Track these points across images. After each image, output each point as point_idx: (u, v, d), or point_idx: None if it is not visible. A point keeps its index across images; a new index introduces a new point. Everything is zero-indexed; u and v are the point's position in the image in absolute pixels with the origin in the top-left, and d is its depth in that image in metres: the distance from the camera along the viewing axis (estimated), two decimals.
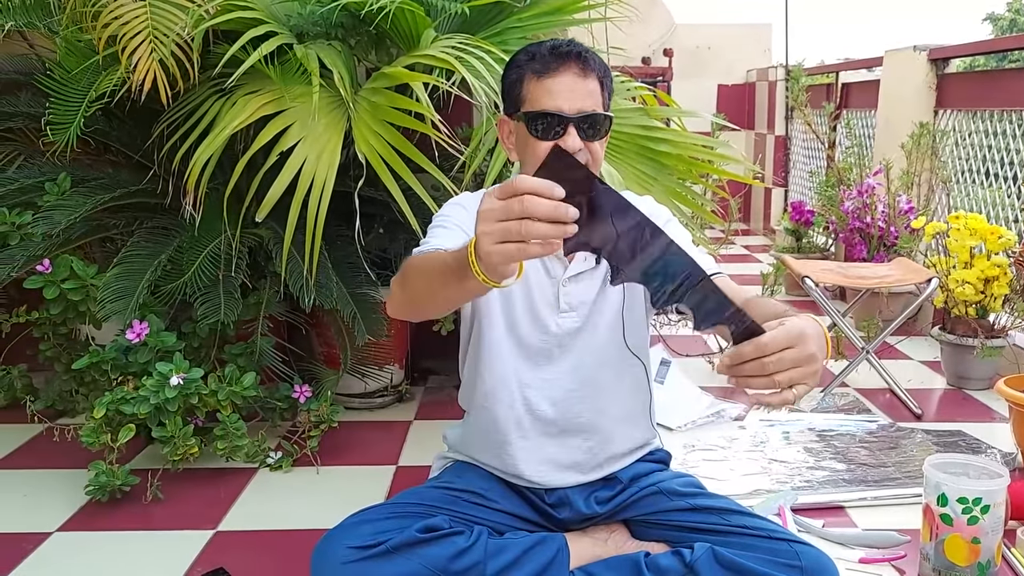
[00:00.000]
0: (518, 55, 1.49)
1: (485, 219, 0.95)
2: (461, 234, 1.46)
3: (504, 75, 1.51)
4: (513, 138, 1.51)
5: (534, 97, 1.43)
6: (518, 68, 1.47)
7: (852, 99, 5.21)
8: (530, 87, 1.44)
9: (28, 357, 2.73)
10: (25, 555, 1.93)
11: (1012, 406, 2.37)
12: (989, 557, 1.75)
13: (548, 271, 1.55)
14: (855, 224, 4.03)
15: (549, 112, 1.41)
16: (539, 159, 1.38)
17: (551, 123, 1.41)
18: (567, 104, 1.41)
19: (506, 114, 1.52)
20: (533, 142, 1.43)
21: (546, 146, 1.41)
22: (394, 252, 2.88)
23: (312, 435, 2.43)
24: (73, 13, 2.35)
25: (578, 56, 1.43)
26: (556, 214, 0.91)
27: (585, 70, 1.43)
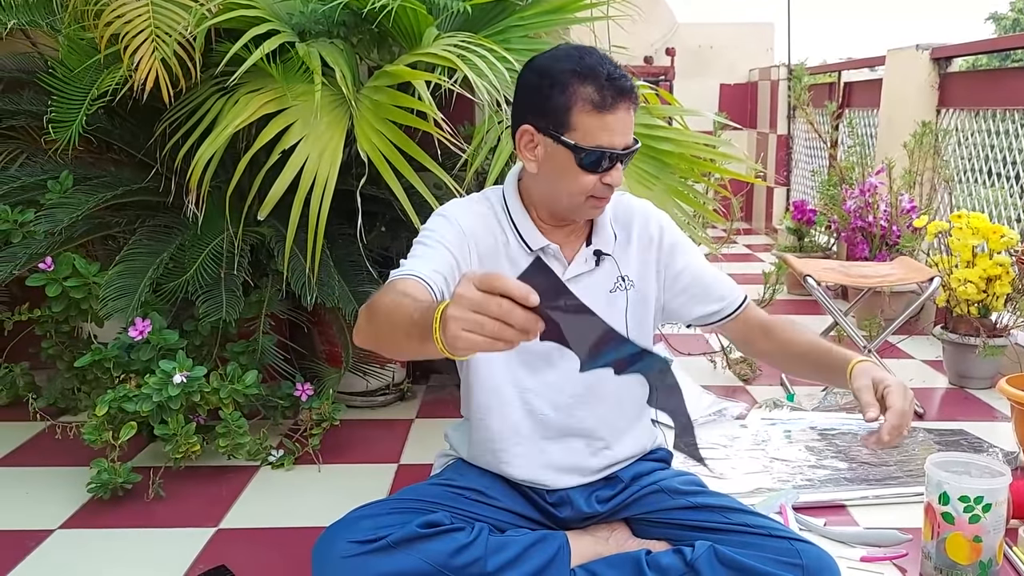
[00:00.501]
0: (562, 68, 1.39)
1: (459, 304, 0.94)
2: (444, 252, 1.43)
3: (537, 83, 1.41)
4: (538, 151, 1.44)
5: (588, 130, 1.38)
6: (569, 91, 1.38)
7: (854, 98, 5.20)
8: (583, 118, 1.37)
9: (30, 355, 2.73)
10: (27, 552, 1.94)
11: (1014, 405, 2.36)
12: (991, 556, 1.75)
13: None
14: (857, 223, 4.02)
15: (604, 149, 1.38)
16: (581, 189, 1.41)
17: (602, 160, 1.39)
18: (619, 140, 1.39)
19: (539, 129, 1.42)
20: (577, 173, 1.40)
21: (591, 179, 1.39)
22: (396, 250, 2.88)
23: (314, 433, 2.44)
24: (75, 11, 2.35)
25: (631, 90, 1.40)
26: (528, 326, 0.92)
27: (633, 104, 1.41)
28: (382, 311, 1.22)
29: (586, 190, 1.41)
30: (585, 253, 1.54)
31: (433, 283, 1.35)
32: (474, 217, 1.52)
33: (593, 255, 1.54)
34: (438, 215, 1.53)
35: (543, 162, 1.44)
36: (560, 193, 1.45)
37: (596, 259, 1.54)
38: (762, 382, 3.15)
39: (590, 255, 1.54)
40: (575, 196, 1.43)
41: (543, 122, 1.41)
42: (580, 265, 1.54)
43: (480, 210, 1.54)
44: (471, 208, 1.54)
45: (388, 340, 1.21)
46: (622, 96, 1.38)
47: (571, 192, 1.42)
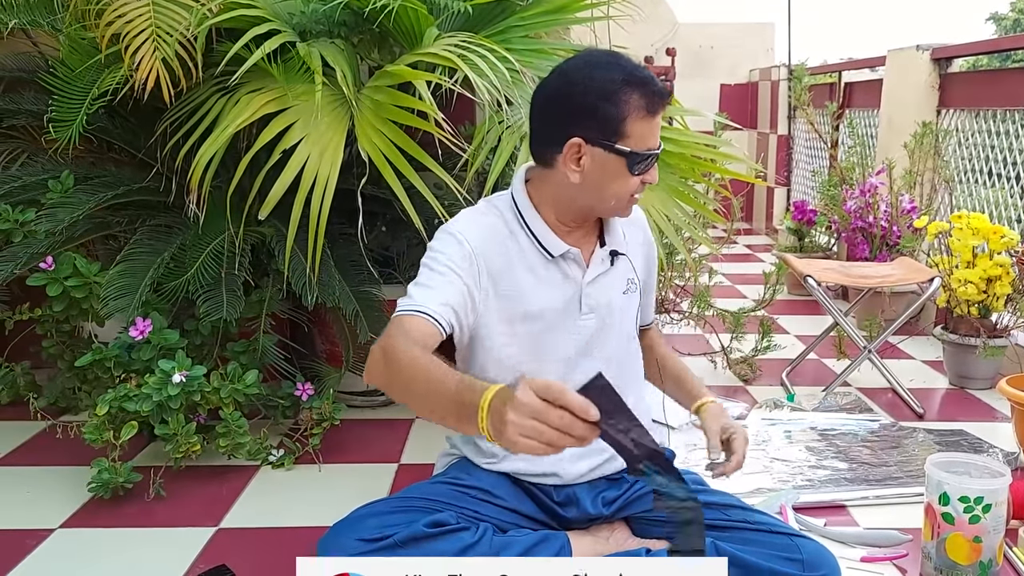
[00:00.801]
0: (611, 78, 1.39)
1: (519, 410, 0.97)
2: (453, 279, 1.43)
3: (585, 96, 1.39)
4: (585, 161, 1.42)
5: (641, 135, 1.41)
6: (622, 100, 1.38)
7: (855, 98, 5.20)
8: (636, 125, 1.40)
9: (31, 354, 2.73)
10: (28, 552, 1.94)
11: (1014, 405, 2.36)
12: (991, 556, 1.75)
13: (568, 276, 1.53)
14: (857, 223, 4.03)
15: (653, 152, 1.43)
16: (629, 191, 1.45)
17: (650, 161, 1.44)
18: (656, 140, 1.45)
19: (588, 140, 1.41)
20: (627, 177, 1.43)
21: (637, 181, 1.44)
22: (397, 250, 2.88)
23: (314, 433, 2.44)
24: (76, 11, 2.35)
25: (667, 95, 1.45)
26: (587, 435, 0.97)
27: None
28: (403, 368, 1.23)
29: (633, 191, 1.46)
30: (601, 254, 1.56)
31: (442, 319, 1.38)
32: (483, 231, 1.50)
33: (608, 255, 1.56)
34: (446, 233, 1.49)
35: (589, 171, 1.43)
36: (607, 198, 1.46)
37: (611, 259, 1.56)
38: (762, 382, 3.15)
39: (605, 255, 1.56)
40: (622, 199, 1.46)
41: (594, 133, 1.40)
42: (598, 266, 1.56)
43: (489, 222, 1.52)
44: (479, 221, 1.51)
45: (410, 400, 1.23)
46: (662, 100, 1.42)
47: (619, 196, 1.45)
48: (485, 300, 1.48)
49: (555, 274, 1.53)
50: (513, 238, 1.51)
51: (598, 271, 1.55)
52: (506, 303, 1.49)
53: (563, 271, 1.53)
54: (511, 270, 1.49)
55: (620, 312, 1.59)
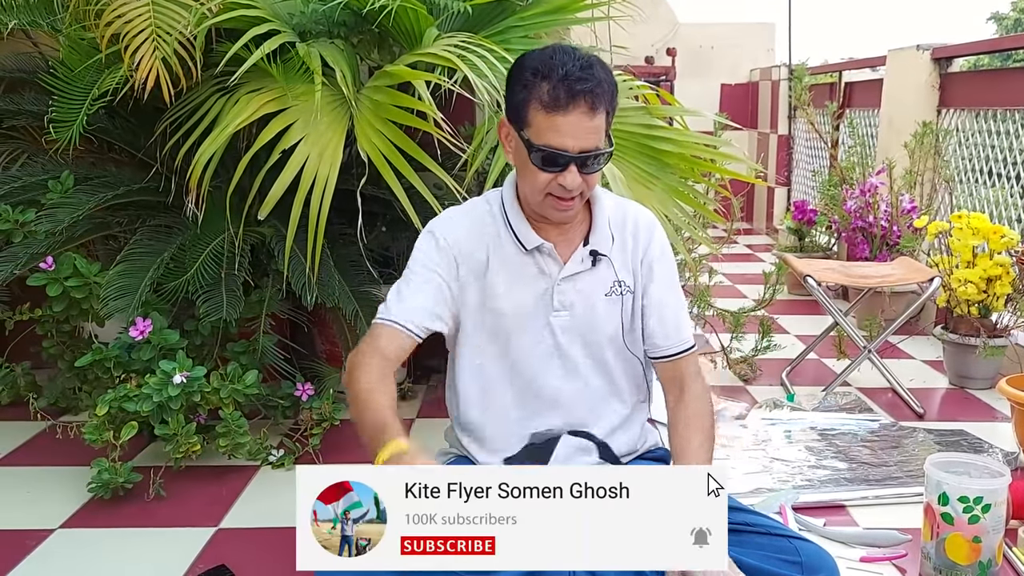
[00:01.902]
0: (526, 68, 1.40)
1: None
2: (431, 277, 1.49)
3: (510, 79, 1.45)
4: (512, 144, 1.47)
5: (539, 129, 1.38)
6: (526, 87, 1.38)
7: (855, 98, 5.20)
8: (536, 116, 1.37)
9: (31, 355, 2.74)
10: (28, 552, 1.94)
11: (1014, 405, 2.36)
12: (990, 556, 1.75)
13: (543, 270, 1.53)
14: (858, 223, 4.02)
15: (553, 149, 1.38)
16: (537, 186, 1.42)
17: (552, 159, 1.39)
18: (572, 143, 1.37)
19: (508, 119, 1.46)
20: (532, 168, 1.41)
21: (545, 178, 1.40)
22: (396, 250, 2.88)
23: (314, 433, 2.44)
24: (76, 11, 2.35)
25: (590, 93, 1.36)
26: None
27: (595, 108, 1.37)
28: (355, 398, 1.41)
29: (542, 188, 1.42)
30: (582, 253, 1.53)
31: (415, 327, 1.46)
32: (463, 226, 1.53)
33: (589, 255, 1.54)
34: (426, 233, 1.54)
35: (515, 154, 1.46)
36: (526, 189, 1.47)
37: (592, 259, 1.54)
38: (762, 382, 3.15)
39: (586, 255, 1.53)
40: (535, 193, 1.44)
41: (511, 114, 1.44)
42: (576, 264, 1.53)
43: (472, 215, 1.55)
44: (460, 217, 1.56)
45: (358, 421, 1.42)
46: (574, 98, 1.35)
47: (531, 188, 1.44)
48: (463, 292, 1.51)
49: (530, 268, 1.52)
50: (495, 229, 1.53)
51: (576, 269, 1.53)
52: (480, 294, 1.51)
53: (539, 265, 1.52)
54: (488, 261, 1.51)
55: (602, 315, 1.55)
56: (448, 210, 1.60)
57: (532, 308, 1.53)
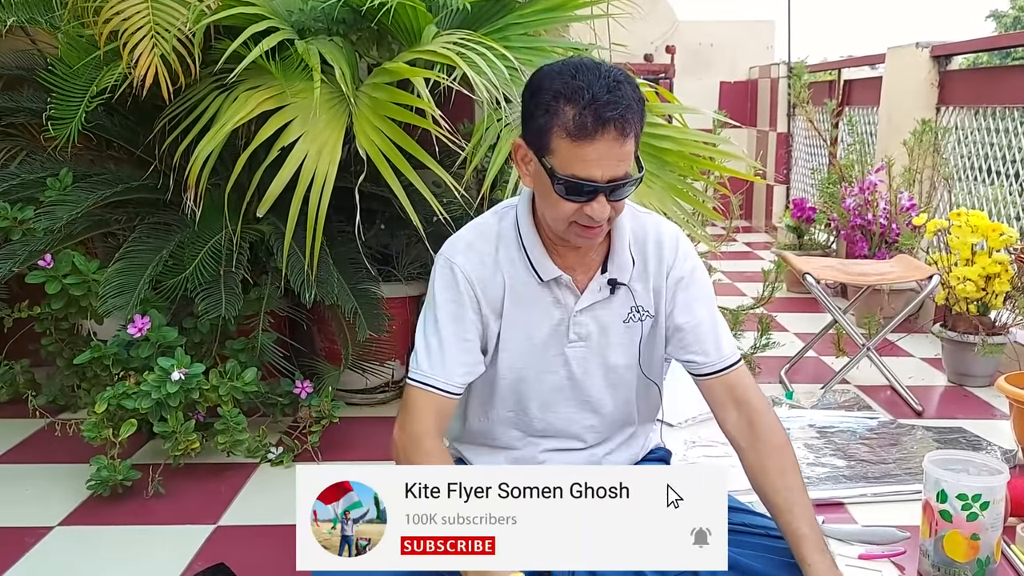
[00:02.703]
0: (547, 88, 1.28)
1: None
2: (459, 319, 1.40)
3: (528, 98, 1.33)
4: (531, 167, 1.35)
5: (564, 159, 1.27)
6: (548, 111, 1.27)
7: (854, 96, 5.20)
8: (560, 144, 1.26)
9: (30, 352, 2.73)
10: (27, 549, 1.94)
11: (1013, 403, 2.36)
12: (988, 553, 1.75)
13: (559, 301, 1.45)
14: (857, 221, 4.02)
15: (580, 180, 1.27)
16: (561, 215, 1.31)
17: (580, 190, 1.28)
18: (600, 172, 1.26)
19: (526, 142, 1.33)
20: (556, 199, 1.31)
21: (570, 207, 1.29)
22: (395, 248, 2.88)
23: (313, 430, 2.44)
24: (75, 8, 2.35)
25: (620, 119, 1.24)
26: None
27: (625, 134, 1.25)
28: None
29: (566, 217, 1.32)
30: (600, 281, 1.44)
31: (453, 385, 1.38)
32: (478, 260, 1.44)
33: (608, 284, 1.45)
34: (444, 267, 1.44)
35: (534, 179, 1.36)
36: (546, 215, 1.37)
37: (611, 288, 1.45)
38: (761, 380, 3.15)
39: (604, 283, 1.45)
40: (558, 222, 1.34)
41: (530, 138, 1.32)
42: (594, 294, 1.45)
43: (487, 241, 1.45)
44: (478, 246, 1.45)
45: None
46: (603, 125, 1.24)
47: (554, 217, 1.34)
48: (488, 322, 1.43)
49: (546, 298, 1.45)
50: (508, 254, 1.44)
51: (594, 299, 1.45)
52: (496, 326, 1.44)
53: (554, 295, 1.45)
54: (504, 293, 1.43)
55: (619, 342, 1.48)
56: (462, 235, 1.47)
57: (547, 339, 1.46)
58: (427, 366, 1.38)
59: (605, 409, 1.52)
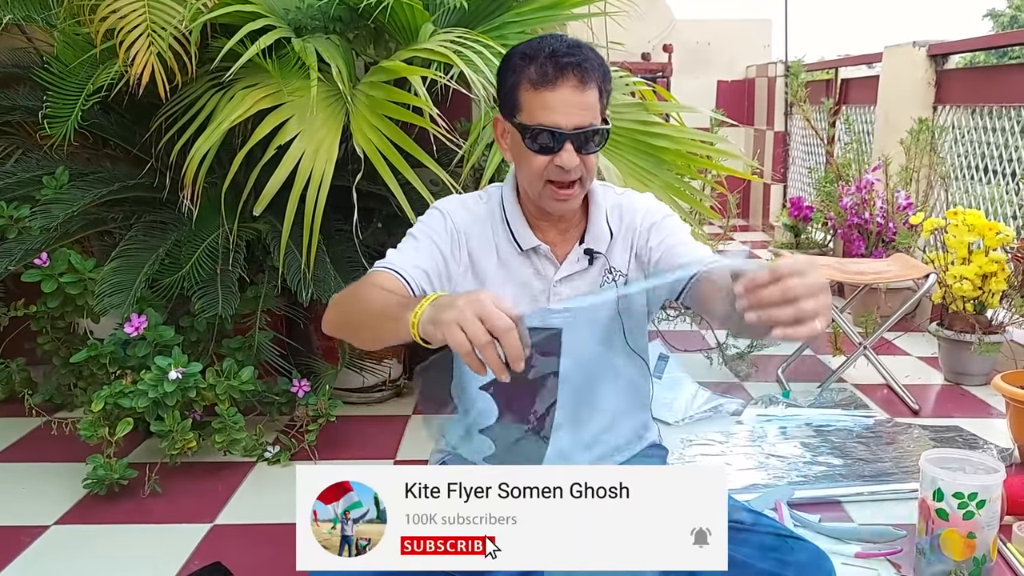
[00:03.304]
0: (514, 55, 1.41)
1: (471, 305, 1.01)
2: (431, 248, 1.44)
3: (499, 74, 1.44)
4: (508, 139, 1.45)
5: (530, 109, 1.37)
6: (514, 72, 1.39)
7: (851, 95, 5.20)
8: (526, 97, 1.36)
9: (26, 351, 2.73)
10: (23, 548, 1.94)
11: (1009, 402, 2.37)
12: (985, 552, 1.75)
13: (539, 272, 1.51)
14: (853, 220, 4.03)
15: (546, 128, 1.36)
16: (535, 172, 1.38)
17: (547, 139, 1.36)
18: (564, 119, 1.35)
19: (502, 115, 1.45)
20: (529, 155, 1.39)
21: (541, 161, 1.37)
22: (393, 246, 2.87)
23: (310, 429, 2.44)
24: (71, 7, 2.34)
25: (578, 66, 1.35)
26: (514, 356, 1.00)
27: (585, 81, 1.35)
28: (357, 296, 1.27)
29: (539, 173, 1.39)
30: (578, 252, 1.51)
31: (412, 279, 1.38)
32: (469, 214, 1.51)
33: (585, 254, 1.52)
34: (434, 208, 1.52)
35: (511, 147, 1.44)
36: (524, 181, 1.45)
37: (589, 258, 1.52)
38: (758, 379, 3.15)
39: (582, 254, 1.51)
40: (533, 181, 1.41)
41: (503, 108, 1.42)
42: (572, 265, 1.51)
43: (476, 208, 1.53)
44: (467, 205, 1.53)
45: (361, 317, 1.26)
46: (562, 72, 1.34)
47: (529, 177, 1.41)
48: (463, 277, 1.48)
49: (526, 269, 1.51)
50: (492, 227, 1.51)
51: (572, 270, 1.51)
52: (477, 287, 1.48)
53: (535, 267, 1.51)
54: (487, 256, 1.49)
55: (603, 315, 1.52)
56: (453, 196, 1.58)
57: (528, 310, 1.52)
58: (392, 260, 1.42)
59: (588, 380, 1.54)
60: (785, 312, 0.96)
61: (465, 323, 1.00)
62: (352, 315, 1.31)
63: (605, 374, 1.57)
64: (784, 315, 0.96)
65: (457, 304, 1.01)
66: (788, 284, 0.96)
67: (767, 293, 0.97)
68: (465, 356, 1.01)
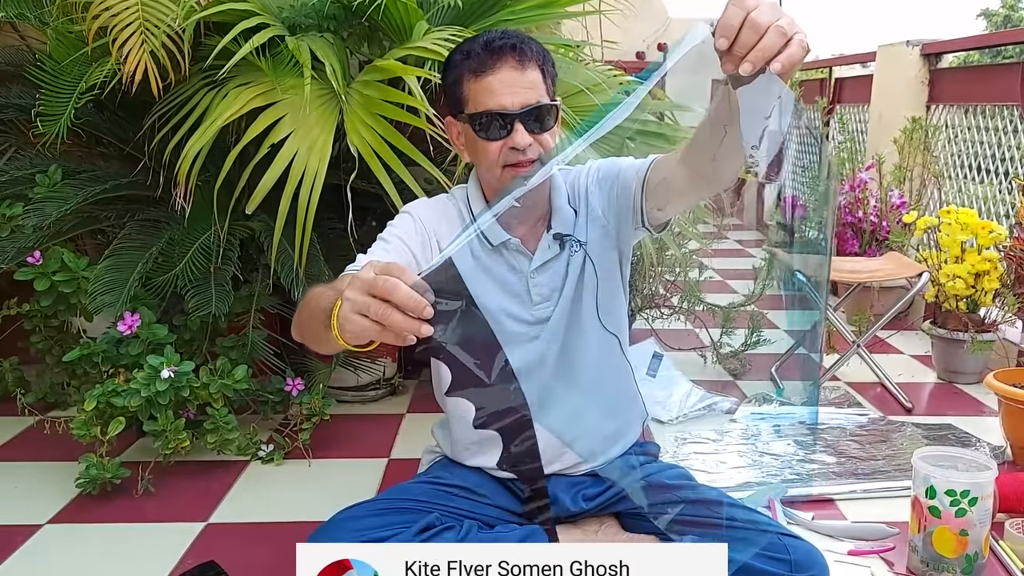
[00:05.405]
0: (453, 54, 1.43)
1: (353, 286, 0.95)
2: (400, 247, 1.45)
3: (443, 76, 1.46)
4: (463, 139, 1.47)
5: (475, 99, 1.39)
6: (455, 68, 1.41)
7: (845, 94, 5.21)
8: (469, 87, 1.39)
9: (19, 350, 2.72)
10: (16, 547, 1.93)
11: (1002, 400, 2.38)
12: (977, 549, 1.76)
13: (514, 267, 1.52)
14: (847, 219, 4.04)
15: (493, 112, 1.37)
16: (492, 160, 1.40)
17: (496, 122, 1.38)
18: (509, 100, 1.37)
19: (452, 115, 1.47)
20: (482, 143, 1.40)
21: (495, 146, 1.39)
22: None
23: (304, 428, 2.43)
24: (64, 4, 2.34)
25: (513, 48, 1.37)
26: (411, 304, 0.92)
27: (523, 61, 1.38)
28: (309, 302, 1.22)
29: (495, 160, 1.40)
30: (547, 239, 1.52)
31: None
32: (437, 215, 1.53)
33: (554, 239, 1.52)
34: (403, 212, 1.54)
35: (467, 146, 1.46)
36: (484, 172, 1.46)
37: (560, 243, 1.52)
38: (752, 377, 3.16)
39: (552, 240, 1.52)
40: (492, 169, 1.42)
41: (451, 108, 1.44)
42: (544, 253, 1.52)
43: (444, 209, 1.55)
44: (434, 206, 1.56)
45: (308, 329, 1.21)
46: (499, 54, 1.37)
47: (488, 167, 1.43)
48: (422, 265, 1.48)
49: (500, 266, 1.52)
50: (463, 226, 1.52)
51: (545, 257, 1.52)
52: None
53: (508, 262, 1.52)
54: (460, 257, 1.48)
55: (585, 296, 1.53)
56: (421, 199, 1.61)
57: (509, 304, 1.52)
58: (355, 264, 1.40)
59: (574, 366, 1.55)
60: (769, 40, 1.01)
61: (359, 306, 0.95)
62: (302, 324, 1.27)
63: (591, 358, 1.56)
64: (769, 43, 1.01)
65: (346, 295, 0.96)
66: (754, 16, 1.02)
67: (743, 36, 1.03)
68: (379, 336, 0.96)
